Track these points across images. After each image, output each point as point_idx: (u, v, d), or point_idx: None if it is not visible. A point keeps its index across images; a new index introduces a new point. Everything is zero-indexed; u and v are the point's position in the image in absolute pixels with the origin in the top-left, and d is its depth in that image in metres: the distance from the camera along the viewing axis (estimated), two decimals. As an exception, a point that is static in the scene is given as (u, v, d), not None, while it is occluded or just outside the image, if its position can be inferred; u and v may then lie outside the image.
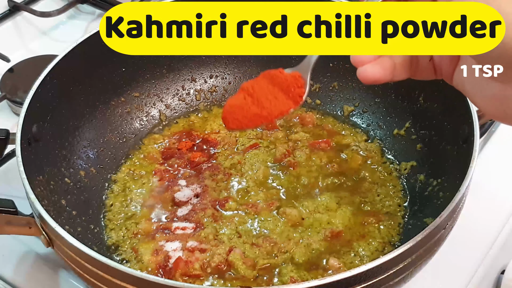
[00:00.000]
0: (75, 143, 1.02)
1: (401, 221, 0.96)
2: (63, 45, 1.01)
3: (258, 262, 0.89)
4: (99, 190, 1.01)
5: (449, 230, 0.80)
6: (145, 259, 0.91)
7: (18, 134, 0.86)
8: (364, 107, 1.13)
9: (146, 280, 0.68)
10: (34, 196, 0.78)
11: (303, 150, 1.07)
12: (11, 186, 0.98)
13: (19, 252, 0.96)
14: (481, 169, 0.89)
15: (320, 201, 0.98)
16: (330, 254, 0.91)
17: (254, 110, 0.72)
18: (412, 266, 0.75)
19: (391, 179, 1.02)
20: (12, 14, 1.40)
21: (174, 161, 1.06)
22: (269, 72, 0.73)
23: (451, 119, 0.95)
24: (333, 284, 0.67)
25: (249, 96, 0.73)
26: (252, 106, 0.72)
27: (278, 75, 0.73)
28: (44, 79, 0.94)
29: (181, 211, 0.97)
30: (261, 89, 0.72)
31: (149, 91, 1.15)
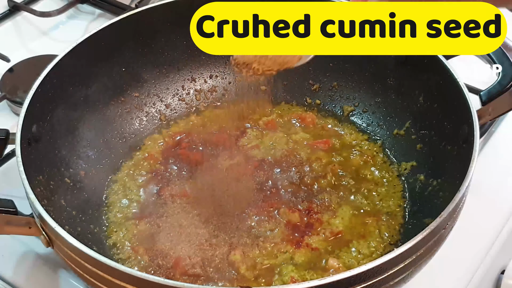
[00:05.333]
0: (75, 143, 1.02)
1: (401, 221, 0.96)
2: (63, 45, 1.01)
3: (258, 262, 0.89)
4: (99, 190, 1.01)
5: (449, 230, 0.80)
6: (145, 259, 0.91)
7: (18, 134, 0.86)
8: (364, 107, 1.13)
9: (146, 280, 0.68)
10: (34, 196, 0.78)
11: (303, 150, 1.07)
12: (11, 186, 0.97)
13: (19, 252, 0.96)
14: (481, 169, 0.89)
15: (320, 201, 0.98)
16: (330, 254, 0.91)
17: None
18: (412, 266, 0.75)
19: (391, 179, 1.02)
20: (12, 14, 1.40)
21: (174, 161, 1.06)
22: None
23: (451, 119, 0.95)
24: (333, 284, 0.67)
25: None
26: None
27: None
28: (44, 79, 0.94)
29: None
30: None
31: (149, 91, 1.15)
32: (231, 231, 0.94)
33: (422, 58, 1.00)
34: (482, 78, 1.12)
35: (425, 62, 1.00)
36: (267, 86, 1.19)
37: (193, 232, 0.93)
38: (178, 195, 0.99)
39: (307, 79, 1.17)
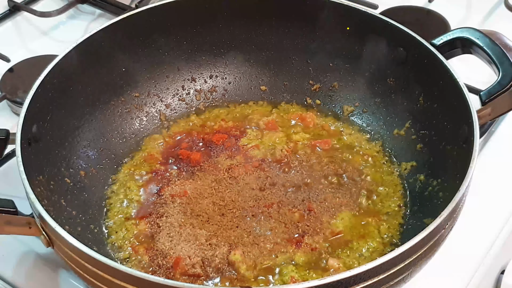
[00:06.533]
0: (75, 143, 1.02)
1: (401, 221, 0.96)
2: (63, 45, 1.01)
3: (259, 262, 0.89)
4: (99, 190, 1.01)
5: (449, 230, 0.80)
6: (145, 259, 0.91)
7: (18, 134, 0.86)
8: (364, 107, 1.13)
9: (146, 280, 0.68)
10: (34, 196, 0.78)
11: (304, 150, 1.07)
12: (11, 186, 0.97)
13: (19, 252, 0.95)
14: (481, 169, 0.89)
15: (320, 201, 0.98)
16: (330, 254, 0.91)
17: None
18: (412, 266, 0.75)
19: (391, 179, 1.02)
20: (12, 14, 1.40)
21: (174, 161, 1.06)
22: None
23: (451, 119, 0.95)
24: (333, 284, 0.67)
25: None
26: None
27: None
28: (44, 79, 0.94)
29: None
30: None
31: (149, 91, 1.15)
32: (231, 231, 0.94)
33: (422, 58, 1.01)
34: (482, 78, 1.12)
35: (425, 62, 1.00)
36: (267, 86, 1.19)
37: (193, 232, 0.93)
38: (178, 195, 0.99)
39: (307, 79, 1.17)
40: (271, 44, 1.17)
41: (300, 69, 1.17)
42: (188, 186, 1.01)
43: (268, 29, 1.16)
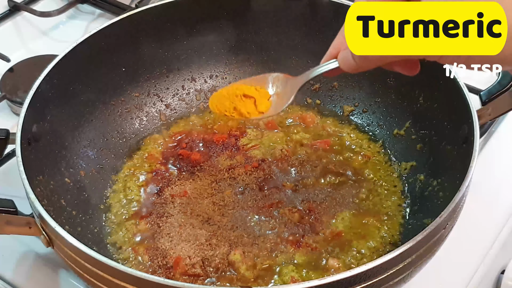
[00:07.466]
0: (75, 143, 1.02)
1: (401, 221, 0.96)
2: (63, 45, 1.01)
3: (259, 262, 0.89)
4: (99, 190, 1.01)
5: (449, 230, 0.80)
6: (145, 259, 0.91)
7: (18, 134, 0.86)
8: (364, 107, 1.13)
9: (146, 280, 0.68)
10: (34, 196, 0.78)
11: (303, 150, 1.07)
12: (11, 186, 0.97)
13: (19, 252, 0.96)
14: (481, 169, 0.89)
15: (320, 201, 0.98)
16: (330, 254, 0.91)
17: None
18: (412, 266, 0.75)
19: (391, 179, 1.02)
20: (12, 14, 1.40)
21: (174, 161, 1.06)
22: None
23: (451, 119, 0.95)
24: (333, 284, 0.67)
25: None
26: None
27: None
28: (44, 79, 0.94)
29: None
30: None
31: (149, 91, 1.15)
32: (231, 231, 0.94)
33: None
34: (482, 78, 1.12)
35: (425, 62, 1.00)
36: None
37: (193, 232, 0.93)
38: (178, 195, 0.99)
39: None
40: (271, 44, 1.17)
41: (300, 69, 1.17)
42: (188, 186, 1.01)
43: (268, 29, 1.16)
